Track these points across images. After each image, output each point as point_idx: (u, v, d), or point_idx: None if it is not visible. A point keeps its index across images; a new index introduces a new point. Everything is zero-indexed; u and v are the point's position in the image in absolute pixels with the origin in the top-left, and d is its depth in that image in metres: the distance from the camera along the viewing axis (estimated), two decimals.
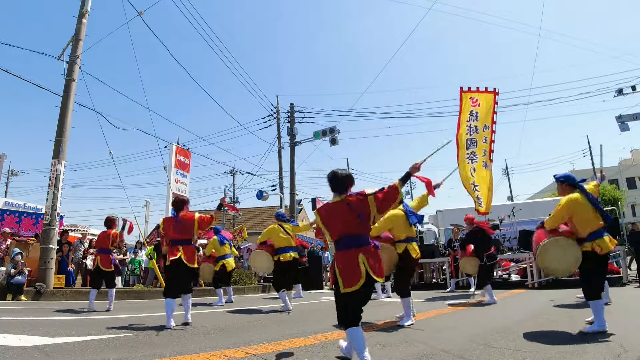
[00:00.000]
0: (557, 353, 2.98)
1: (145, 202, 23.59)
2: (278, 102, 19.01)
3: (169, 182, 14.59)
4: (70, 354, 3.07)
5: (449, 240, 10.98)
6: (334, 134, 17.28)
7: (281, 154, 18.65)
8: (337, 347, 3.17)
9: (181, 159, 16.24)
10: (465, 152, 9.51)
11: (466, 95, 9.61)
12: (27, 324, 4.59)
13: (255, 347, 3.34)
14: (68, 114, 9.55)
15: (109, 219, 6.69)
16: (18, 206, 13.50)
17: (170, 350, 3.26)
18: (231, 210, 5.47)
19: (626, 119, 15.46)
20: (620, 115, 15.56)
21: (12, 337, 3.56)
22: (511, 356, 2.92)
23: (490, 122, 9.60)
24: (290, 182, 18.23)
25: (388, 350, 3.21)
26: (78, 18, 10.10)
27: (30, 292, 8.12)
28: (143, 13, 10.83)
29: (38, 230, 11.71)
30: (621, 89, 15.30)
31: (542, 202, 16.39)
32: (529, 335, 3.71)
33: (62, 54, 9.91)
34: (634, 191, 37.54)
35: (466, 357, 2.93)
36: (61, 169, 9.33)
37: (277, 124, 18.81)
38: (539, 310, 5.58)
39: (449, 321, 4.92)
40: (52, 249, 8.94)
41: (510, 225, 12.80)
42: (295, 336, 3.87)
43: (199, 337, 3.90)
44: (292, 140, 18.55)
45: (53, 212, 9.04)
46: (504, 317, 5.13)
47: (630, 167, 37.52)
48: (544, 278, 9.42)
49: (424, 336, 3.81)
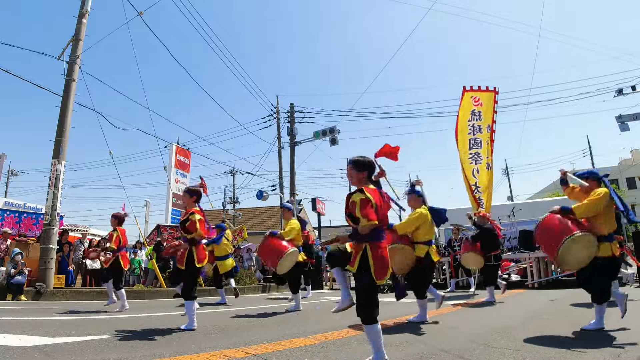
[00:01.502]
0: (557, 353, 2.98)
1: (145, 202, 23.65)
2: (278, 102, 19.05)
3: (169, 182, 14.60)
4: (70, 354, 3.06)
5: (449, 240, 10.98)
6: (334, 134, 17.30)
7: (281, 154, 18.66)
8: (337, 347, 3.16)
9: (181, 159, 16.27)
10: (468, 152, 9.50)
11: (468, 95, 9.61)
12: (27, 324, 4.59)
13: (255, 347, 3.34)
14: (68, 114, 9.55)
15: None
16: (18, 206, 13.50)
17: (170, 350, 3.25)
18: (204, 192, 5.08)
19: (626, 119, 15.48)
20: (620, 115, 15.58)
21: (12, 337, 3.56)
22: (511, 356, 2.92)
23: (490, 122, 9.61)
24: (290, 182, 18.24)
25: (388, 350, 3.20)
26: (78, 18, 10.10)
27: (30, 292, 8.12)
28: (143, 13, 10.86)
29: (38, 230, 11.71)
30: (621, 89, 15.31)
31: (542, 202, 16.38)
32: (529, 335, 3.70)
33: (62, 54, 9.92)
34: (634, 191, 37.48)
35: (466, 357, 2.93)
36: (61, 169, 9.32)
37: (277, 124, 18.82)
38: (539, 310, 5.58)
39: (449, 321, 4.92)
40: (52, 249, 8.94)
41: (510, 225, 12.80)
42: (295, 336, 3.87)
43: (199, 337, 3.90)
44: (292, 140, 18.56)
45: (53, 212, 9.04)
46: (504, 317, 5.13)
47: (630, 167, 37.48)
48: (544, 278, 9.43)
49: (424, 336, 3.81)
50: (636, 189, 37.91)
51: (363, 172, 2.85)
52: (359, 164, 2.86)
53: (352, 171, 2.86)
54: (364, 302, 2.61)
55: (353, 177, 2.87)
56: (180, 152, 16.36)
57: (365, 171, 2.85)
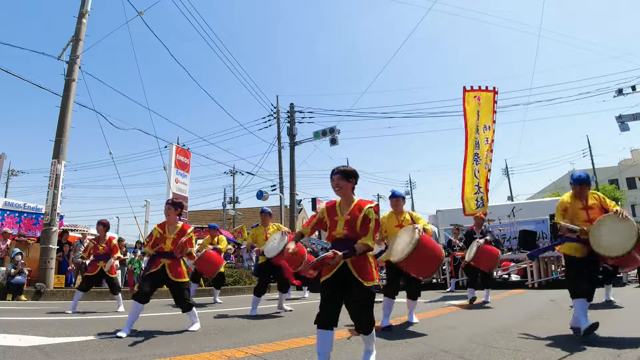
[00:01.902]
0: (557, 353, 2.98)
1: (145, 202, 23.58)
2: (278, 102, 19.05)
3: (169, 182, 14.60)
4: (70, 354, 3.07)
5: (449, 240, 10.98)
6: (334, 134, 17.31)
7: (281, 154, 18.67)
8: (337, 347, 3.16)
9: (181, 159, 16.26)
10: (472, 152, 9.51)
11: (469, 95, 9.61)
12: (27, 324, 4.59)
13: (255, 347, 3.34)
14: (68, 114, 9.56)
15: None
16: (18, 206, 13.49)
17: (170, 350, 3.26)
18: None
19: (626, 119, 15.48)
20: (620, 115, 15.59)
21: (12, 337, 3.56)
22: (511, 356, 2.92)
23: (490, 122, 9.61)
24: (290, 182, 18.24)
25: (388, 350, 3.21)
26: (78, 18, 10.11)
27: (30, 292, 8.12)
28: (143, 13, 10.86)
29: (38, 230, 11.71)
30: (621, 89, 15.32)
31: (542, 202, 16.39)
32: (529, 335, 3.70)
33: (62, 54, 9.93)
34: (634, 191, 37.52)
35: (466, 357, 2.93)
36: (61, 169, 9.33)
37: (277, 124, 18.83)
38: (539, 310, 5.58)
39: (449, 321, 4.92)
40: (52, 249, 8.95)
41: (510, 225, 12.81)
42: (295, 336, 3.87)
43: (199, 337, 3.90)
44: (292, 140, 18.57)
45: (53, 212, 9.05)
46: (504, 317, 5.13)
47: (630, 167, 37.50)
48: (544, 278, 9.43)
49: (424, 336, 3.81)
50: (636, 189, 37.95)
51: (351, 181, 2.74)
52: (347, 173, 2.72)
53: (340, 181, 2.70)
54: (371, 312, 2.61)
55: (342, 187, 2.71)
56: (180, 152, 16.34)
57: (354, 180, 2.76)
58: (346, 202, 2.75)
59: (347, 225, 2.66)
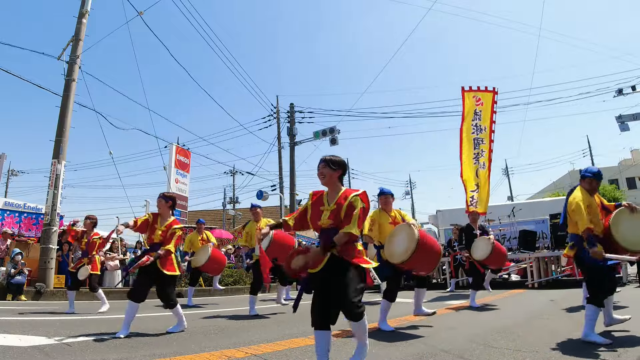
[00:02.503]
0: (557, 353, 2.98)
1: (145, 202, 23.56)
2: (278, 102, 19.06)
3: (169, 182, 14.60)
4: (70, 354, 3.07)
5: (449, 240, 10.97)
6: (334, 134, 17.31)
7: (281, 154, 18.68)
8: (337, 347, 3.17)
9: (181, 159, 16.25)
10: (472, 152, 9.51)
11: (469, 95, 9.61)
12: (27, 324, 4.59)
13: (255, 347, 3.34)
14: (68, 114, 9.56)
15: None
16: (18, 206, 13.48)
17: (170, 350, 3.26)
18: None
19: (626, 119, 15.49)
20: (620, 115, 15.59)
21: (12, 337, 3.56)
22: (511, 356, 2.92)
23: (489, 122, 9.61)
24: (290, 182, 18.25)
25: (388, 350, 3.22)
26: (78, 18, 10.11)
27: (30, 292, 8.12)
28: (143, 13, 10.88)
29: (38, 230, 11.71)
30: (621, 89, 15.33)
31: (542, 202, 16.38)
32: (529, 335, 3.71)
33: (62, 54, 9.94)
34: (634, 191, 37.47)
35: (466, 357, 2.93)
36: (61, 169, 9.33)
37: (277, 124, 18.84)
38: (539, 310, 5.58)
39: (449, 321, 4.92)
40: (52, 249, 8.95)
41: (510, 225, 12.80)
42: (295, 336, 3.87)
43: (199, 337, 3.90)
44: (292, 140, 18.58)
45: (53, 212, 9.05)
46: (504, 317, 5.13)
47: (630, 167, 37.48)
48: (544, 278, 9.42)
49: (424, 336, 3.81)
50: (636, 189, 37.91)
51: (337, 171, 2.68)
52: (333, 162, 2.67)
53: (324, 169, 2.66)
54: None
55: (325, 176, 2.66)
56: (180, 152, 16.34)
57: (340, 170, 2.69)
58: (333, 192, 2.69)
59: (332, 215, 2.59)
